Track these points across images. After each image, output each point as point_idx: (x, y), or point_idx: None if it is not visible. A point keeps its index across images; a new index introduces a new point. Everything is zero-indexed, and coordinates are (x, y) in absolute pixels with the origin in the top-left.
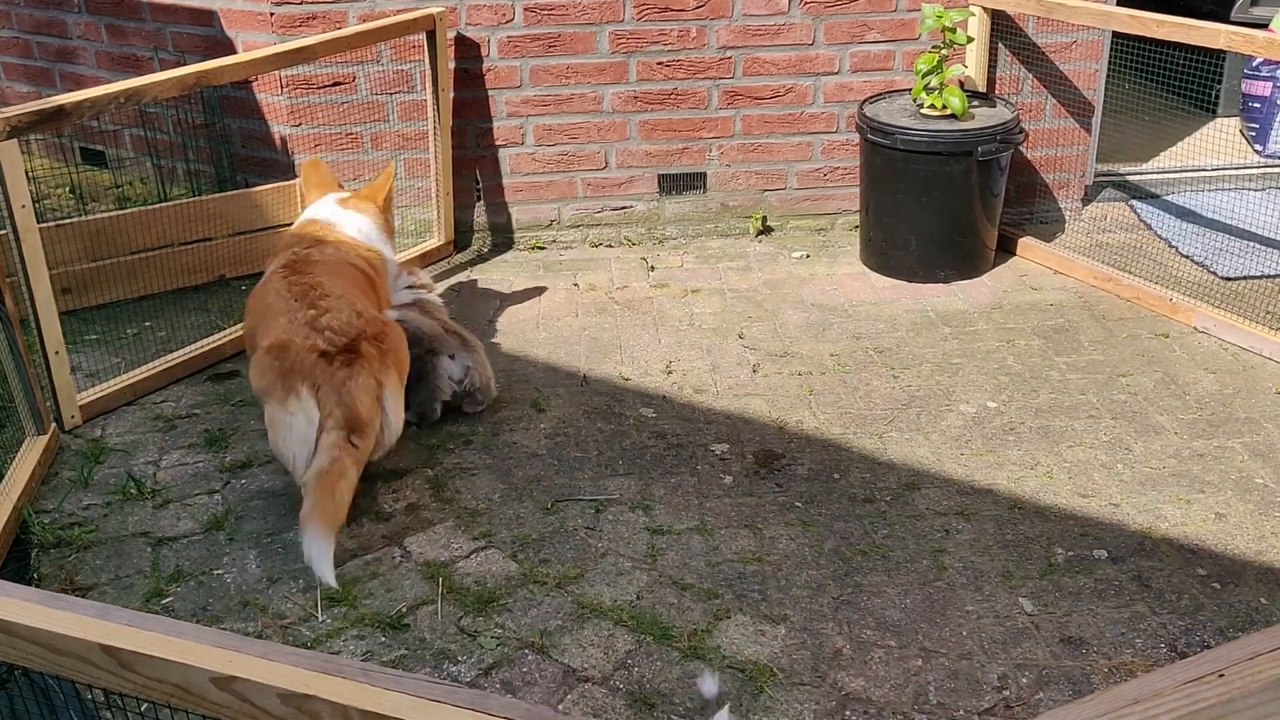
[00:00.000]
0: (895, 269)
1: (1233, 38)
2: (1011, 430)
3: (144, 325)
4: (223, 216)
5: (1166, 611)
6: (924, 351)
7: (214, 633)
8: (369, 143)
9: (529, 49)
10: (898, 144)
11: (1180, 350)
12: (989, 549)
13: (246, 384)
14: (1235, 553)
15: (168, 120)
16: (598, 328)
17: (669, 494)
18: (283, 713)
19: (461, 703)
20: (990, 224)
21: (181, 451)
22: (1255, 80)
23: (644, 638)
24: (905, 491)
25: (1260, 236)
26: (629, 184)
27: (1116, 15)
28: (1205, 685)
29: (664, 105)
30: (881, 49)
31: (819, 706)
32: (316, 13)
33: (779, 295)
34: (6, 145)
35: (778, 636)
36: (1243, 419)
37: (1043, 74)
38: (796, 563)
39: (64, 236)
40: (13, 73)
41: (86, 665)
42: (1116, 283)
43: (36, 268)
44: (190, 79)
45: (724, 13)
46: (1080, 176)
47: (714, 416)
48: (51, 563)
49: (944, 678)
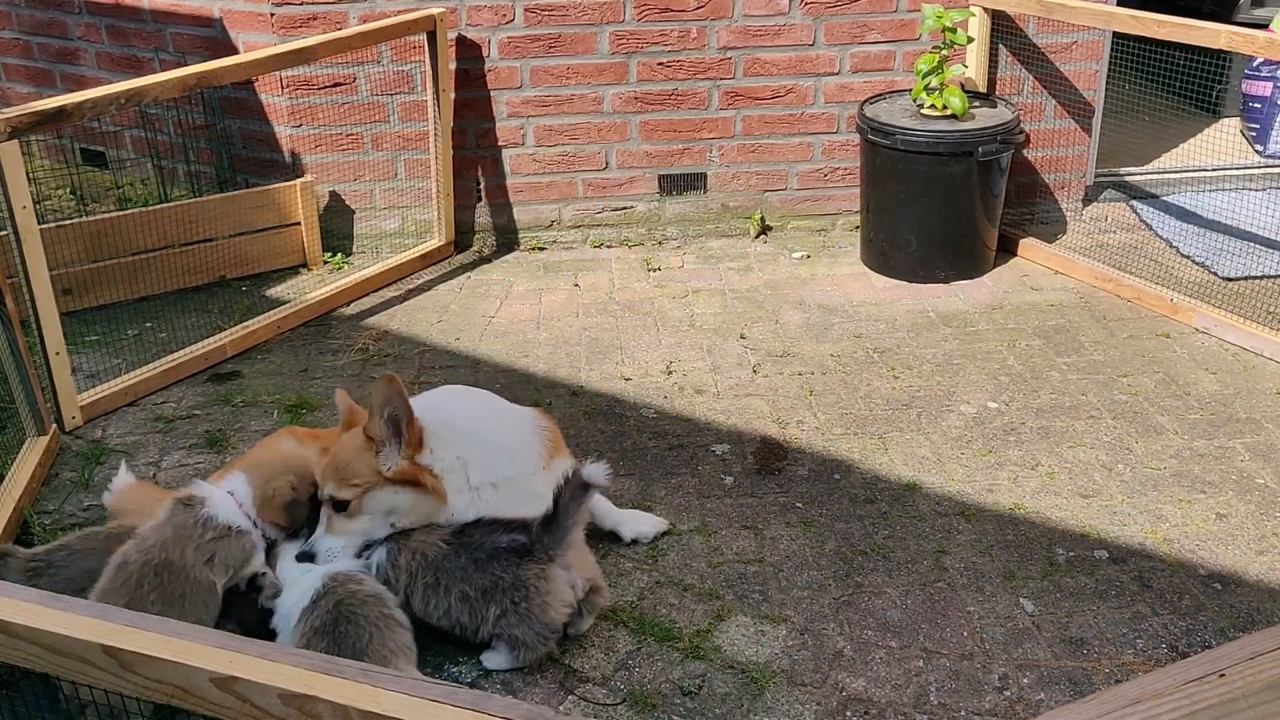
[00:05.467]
0: (896, 269)
1: (1233, 38)
2: (1012, 431)
3: (144, 326)
4: (223, 217)
5: (1167, 612)
6: (924, 352)
7: (215, 633)
8: (369, 143)
9: (529, 49)
10: (898, 144)
11: (1181, 350)
12: (990, 549)
13: (246, 384)
14: (1236, 553)
15: (168, 121)
16: (598, 328)
17: (670, 494)
18: (283, 713)
19: (462, 703)
20: (991, 224)
21: (182, 452)
22: (1255, 80)
23: (645, 638)
24: (906, 492)
25: (1261, 237)
26: (629, 184)
27: (1117, 15)
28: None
29: (664, 106)
30: (882, 49)
31: (820, 707)
32: (317, 13)
33: (779, 295)
34: (7, 146)
35: (779, 637)
36: (1243, 419)
37: (1043, 74)
38: (797, 563)
39: (64, 237)
40: (14, 73)
41: (87, 666)
42: (1117, 283)
43: (37, 269)
44: (191, 80)
45: (724, 13)
46: (1081, 177)
47: (714, 417)
48: None
49: (945, 678)
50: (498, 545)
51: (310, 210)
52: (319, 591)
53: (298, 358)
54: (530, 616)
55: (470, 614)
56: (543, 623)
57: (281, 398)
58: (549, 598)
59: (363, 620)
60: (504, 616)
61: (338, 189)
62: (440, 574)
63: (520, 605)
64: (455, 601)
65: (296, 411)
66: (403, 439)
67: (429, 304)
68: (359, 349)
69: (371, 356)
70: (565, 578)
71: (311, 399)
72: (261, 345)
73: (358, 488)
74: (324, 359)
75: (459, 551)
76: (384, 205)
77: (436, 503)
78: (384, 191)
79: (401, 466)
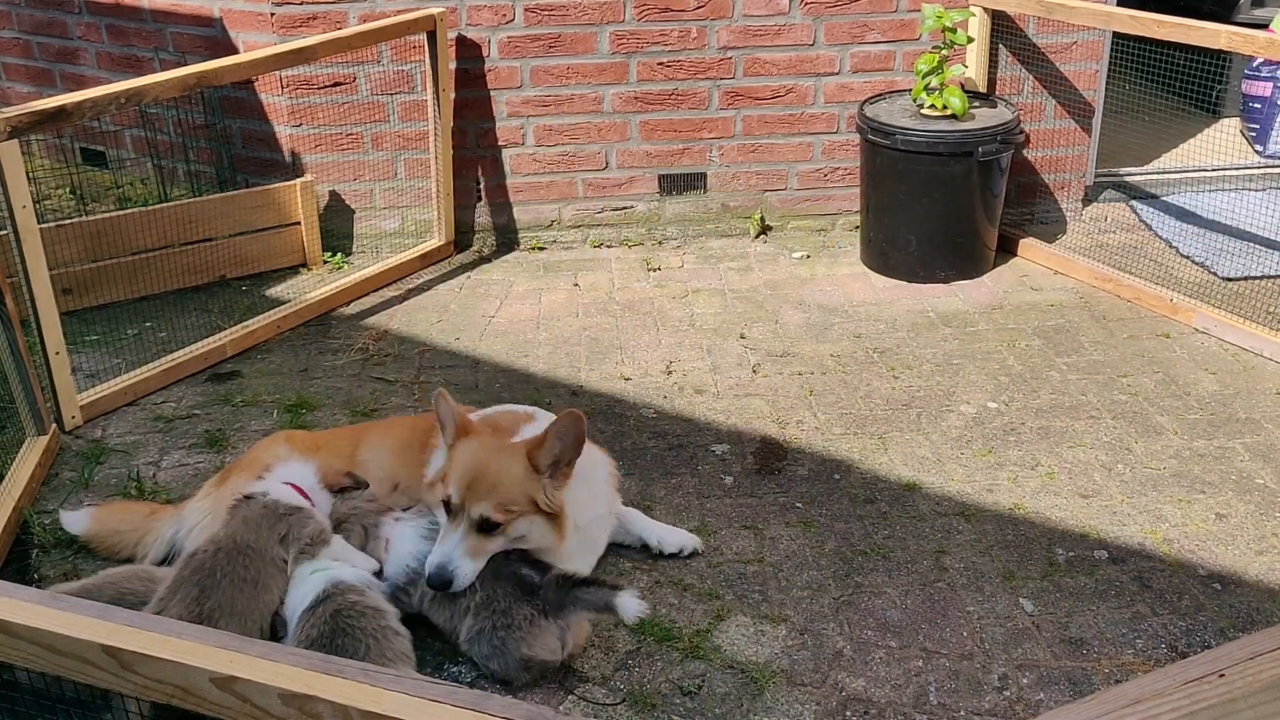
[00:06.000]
0: (895, 269)
1: (1233, 38)
2: (1012, 431)
3: (144, 326)
4: (223, 217)
5: (1167, 612)
6: (924, 352)
7: (215, 633)
8: (369, 143)
9: (529, 49)
10: (898, 144)
11: (1181, 350)
12: (990, 549)
13: (246, 384)
14: (1236, 553)
15: (168, 121)
16: (598, 328)
17: (669, 494)
18: (283, 713)
19: (462, 703)
20: (990, 224)
21: (182, 452)
22: (1255, 81)
23: (645, 638)
24: (906, 492)
25: (1260, 237)
26: (629, 184)
27: (1117, 15)
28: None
29: (664, 105)
30: (882, 49)
31: (820, 707)
32: (317, 13)
33: (779, 295)
34: (7, 145)
35: (778, 637)
36: (1243, 419)
37: (1043, 74)
38: (797, 563)
39: (64, 237)
40: (14, 73)
41: (87, 666)
42: (1117, 283)
43: (37, 268)
44: (191, 79)
45: (724, 13)
46: (1081, 177)
47: (714, 417)
48: (52, 563)
49: (945, 678)
50: (514, 571)
51: (310, 210)
52: (319, 596)
53: (297, 357)
54: (502, 651)
55: (461, 624)
56: (516, 657)
57: (281, 397)
58: (529, 637)
59: (359, 633)
60: (480, 635)
61: (338, 189)
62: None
63: (499, 631)
64: (459, 610)
65: (296, 411)
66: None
67: (429, 304)
68: (359, 349)
69: (371, 356)
70: (555, 632)
71: (311, 399)
72: (261, 345)
73: (513, 514)
74: (324, 359)
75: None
76: (384, 205)
77: (558, 540)
78: (384, 191)
79: (560, 500)
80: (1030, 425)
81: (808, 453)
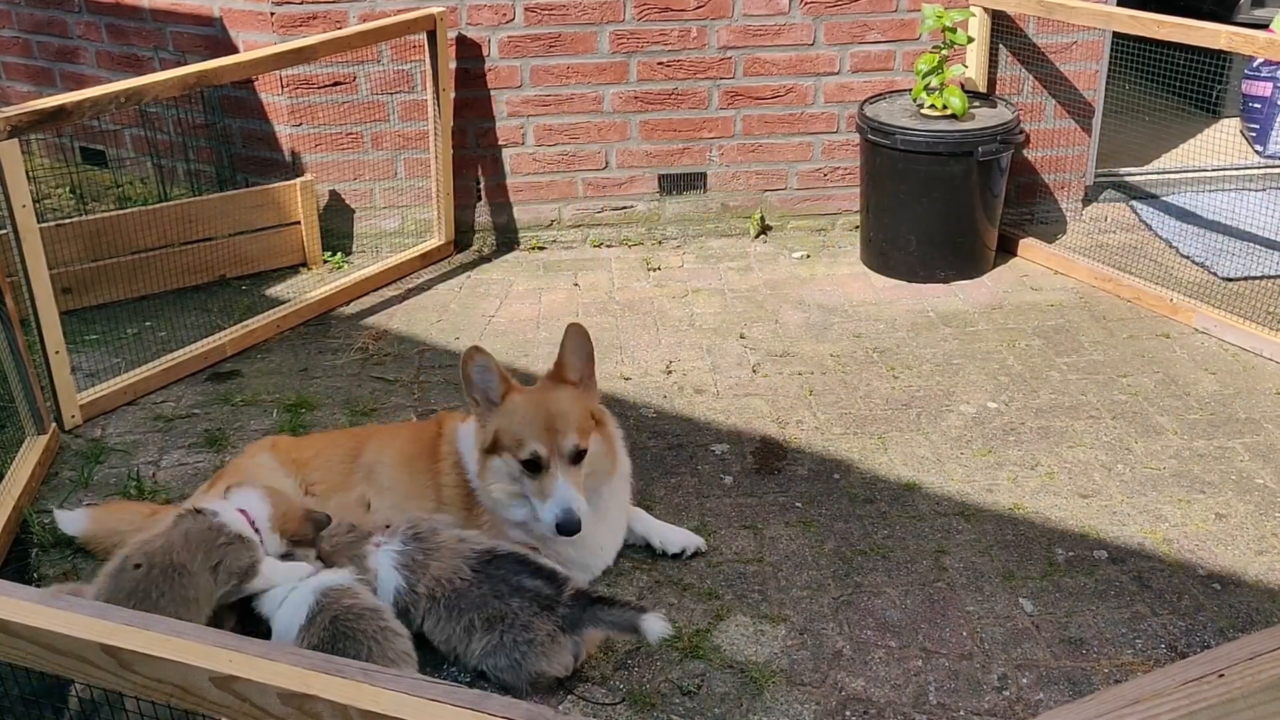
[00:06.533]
0: (895, 269)
1: (1233, 38)
2: (1012, 430)
3: (144, 325)
4: (223, 216)
5: (1167, 612)
6: (924, 352)
7: (214, 632)
8: (369, 142)
9: (529, 49)
10: (898, 144)
11: (1180, 350)
12: (989, 549)
13: (246, 384)
14: (1236, 553)
15: (168, 120)
16: (598, 328)
17: (669, 494)
18: (283, 712)
19: (462, 703)
20: (990, 224)
21: (181, 451)
22: (1255, 81)
23: (644, 638)
24: (905, 492)
25: (1260, 237)
26: (629, 184)
27: (1117, 15)
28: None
29: (664, 105)
30: (882, 49)
31: (819, 706)
32: (317, 12)
33: (779, 295)
34: (7, 145)
35: (778, 637)
36: (1243, 419)
37: (1043, 74)
38: (797, 563)
39: (64, 236)
40: (13, 72)
41: (86, 665)
42: (1117, 283)
43: (37, 267)
44: (191, 79)
45: (724, 13)
46: (1080, 177)
47: (714, 416)
48: (52, 563)
49: (944, 678)
50: (523, 585)
51: (310, 209)
52: (313, 609)
53: (297, 357)
54: (520, 665)
55: (467, 642)
56: (530, 671)
57: (281, 397)
58: (549, 653)
59: (360, 635)
60: (498, 649)
61: (337, 188)
62: (461, 600)
63: (520, 646)
64: (459, 630)
65: (296, 410)
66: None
67: (429, 303)
68: (358, 348)
69: (371, 356)
70: (571, 647)
71: (311, 398)
72: (261, 344)
73: (587, 434)
74: (323, 358)
75: (483, 582)
76: (384, 204)
77: (612, 463)
78: (384, 191)
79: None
80: (1030, 425)
81: (807, 452)
